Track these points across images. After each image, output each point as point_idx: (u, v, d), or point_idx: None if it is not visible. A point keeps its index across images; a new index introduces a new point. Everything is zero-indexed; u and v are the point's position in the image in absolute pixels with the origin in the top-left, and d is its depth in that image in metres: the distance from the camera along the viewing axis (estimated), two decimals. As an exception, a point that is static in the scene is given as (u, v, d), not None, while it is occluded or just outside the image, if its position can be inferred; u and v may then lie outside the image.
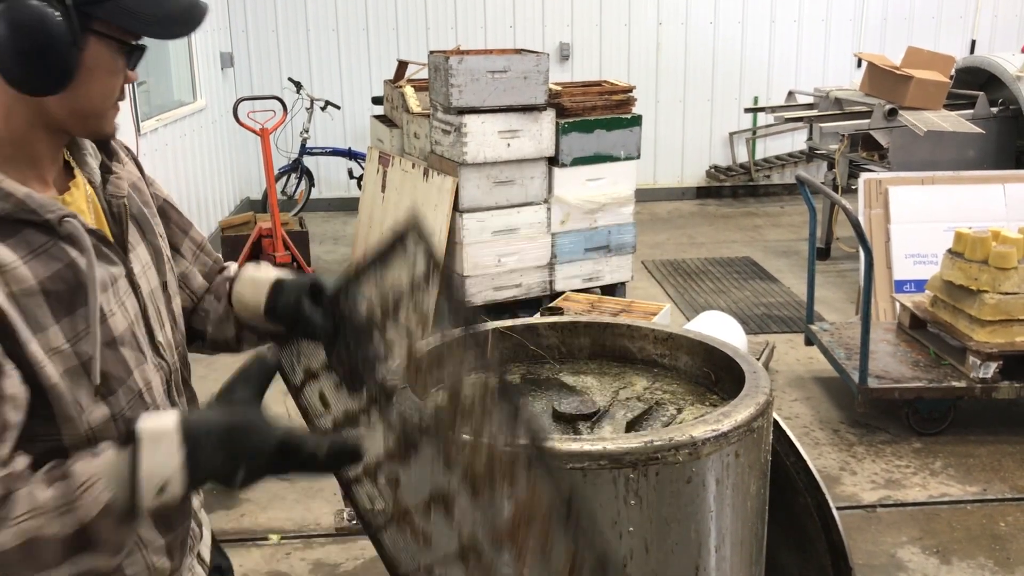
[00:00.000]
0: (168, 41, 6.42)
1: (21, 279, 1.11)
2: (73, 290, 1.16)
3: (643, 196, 7.77)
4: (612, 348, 2.37)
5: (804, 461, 2.14)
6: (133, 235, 1.32)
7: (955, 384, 4.04)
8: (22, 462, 1.13)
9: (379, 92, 7.74)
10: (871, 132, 6.26)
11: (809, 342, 4.80)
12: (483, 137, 5.25)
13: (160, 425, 1.12)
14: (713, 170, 9.11)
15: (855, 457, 4.04)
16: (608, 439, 1.68)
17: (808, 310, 4.79)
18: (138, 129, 5.32)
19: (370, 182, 6.46)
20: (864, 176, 5.55)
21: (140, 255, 1.32)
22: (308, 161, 8.23)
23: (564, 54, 8.66)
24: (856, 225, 4.04)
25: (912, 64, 6.54)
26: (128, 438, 1.11)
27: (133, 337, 1.27)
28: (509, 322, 2.40)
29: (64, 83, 1.11)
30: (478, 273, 5.45)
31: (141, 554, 1.31)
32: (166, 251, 1.42)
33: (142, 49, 1.22)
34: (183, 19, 1.18)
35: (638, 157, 5.80)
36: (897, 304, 4.79)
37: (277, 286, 1.45)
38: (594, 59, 8.74)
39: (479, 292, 5.48)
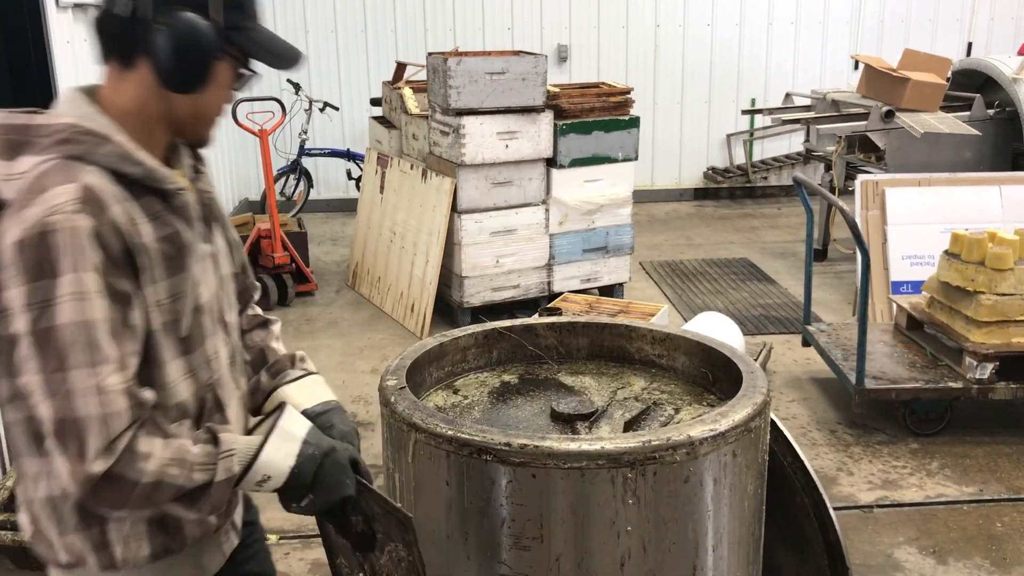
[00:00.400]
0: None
1: (145, 234, 1.34)
2: (177, 255, 1.39)
3: (641, 197, 7.78)
4: (610, 348, 2.38)
5: (801, 461, 2.15)
6: (216, 227, 1.56)
7: (952, 385, 4.06)
8: (150, 394, 1.33)
9: (378, 93, 7.75)
10: (868, 134, 6.27)
11: (806, 343, 4.82)
12: (481, 138, 5.26)
13: (294, 427, 1.41)
14: (711, 171, 9.12)
15: (852, 457, 4.05)
16: (606, 439, 1.69)
17: (805, 311, 4.80)
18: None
19: (369, 183, 6.47)
20: (861, 178, 5.56)
21: (219, 244, 1.56)
22: (307, 162, 8.24)
23: (562, 56, 8.67)
24: (853, 226, 4.06)
25: (909, 66, 6.56)
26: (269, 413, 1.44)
27: (211, 310, 1.49)
28: (507, 323, 2.41)
29: (199, 85, 1.38)
30: (476, 274, 5.46)
31: None
32: (239, 248, 1.67)
33: (250, 76, 1.49)
34: (289, 57, 1.46)
35: (636, 158, 5.82)
36: (894, 305, 4.80)
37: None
38: (592, 61, 8.76)
39: (477, 293, 5.50)
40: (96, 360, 1.24)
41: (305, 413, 1.61)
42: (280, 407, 1.47)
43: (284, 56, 1.45)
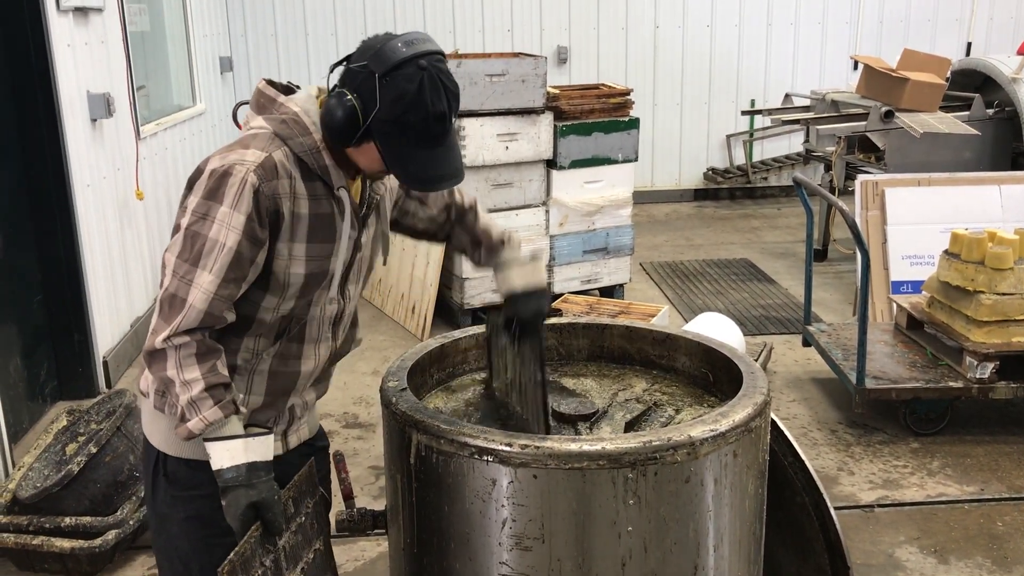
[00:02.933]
0: (166, 47, 6.45)
1: (302, 206, 1.77)
2: (324, 229, 1.80)
3: (641, 198, 7.78)
4: (611, 349, 2.39)
5: (802, 461, 2.16)
6: (372, 219, 1.94)
7: (952, 384, 4.06)
8: (232, 316, 1.74)
9: (377, 95, 7.74)
10: (867, 134, 6.27)
11: (807, 343, 4.82)
12: (481, 140, 5.27)
13: (253, 451, 1.72)
14: (710, 172, 9.12)
15: (853, 457, 4.05)
16: (607, 439, 1.69)
17: (805, 311, 4.81)
18: (138, 133, 5.32)
19: (369, 185, 6.46)
20: (861, 178, 5.56)
21: (369, 232, 1.94)
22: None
23: (562, 57, 8.68)
24: (853, 227, 4.06)
25: (908, 66, 6.56)
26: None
27: (335, 275, 1.86)
28: (508, 324, 2.40)
29: (343, 146, 1.75)
30: (477, 275, 5.46)
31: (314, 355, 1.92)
32: (386, 239, 2.03)
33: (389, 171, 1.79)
34: (423, 181, 1.78)
35: (636, 159, 5.82)
36: (894, 305, 4.80)
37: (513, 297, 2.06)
38: (592, 62, 8.76)
39: (478, 295, 5.50)
40: (213, 269, 1.68)
41: (513, 293, 2.04)
42: (267, 433, 1.81)
43: (417, 177, 1.75)
